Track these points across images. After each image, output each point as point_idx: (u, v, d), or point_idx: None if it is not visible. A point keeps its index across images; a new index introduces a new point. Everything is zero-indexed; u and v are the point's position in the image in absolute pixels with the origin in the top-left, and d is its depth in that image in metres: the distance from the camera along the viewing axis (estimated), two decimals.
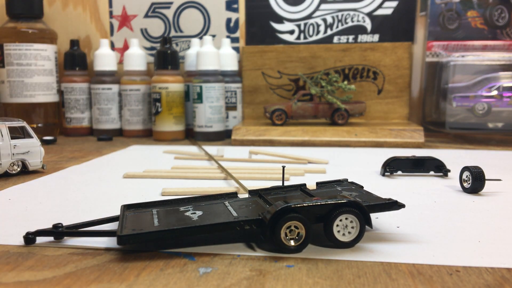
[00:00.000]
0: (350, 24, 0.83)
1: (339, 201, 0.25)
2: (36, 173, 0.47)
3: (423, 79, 0.83)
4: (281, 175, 0.33)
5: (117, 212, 0.31)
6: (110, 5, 0.88)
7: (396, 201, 0.27)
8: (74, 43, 0.84)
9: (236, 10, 0.86)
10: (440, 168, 0.45)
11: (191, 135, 0.79)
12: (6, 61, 0.76)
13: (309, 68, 0.82)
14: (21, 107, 0.77)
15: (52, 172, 0.48)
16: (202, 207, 0.29)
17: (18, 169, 0.46)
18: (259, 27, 0.85)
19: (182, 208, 0.29)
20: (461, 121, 0.71)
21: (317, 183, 0.33)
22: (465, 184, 0.39)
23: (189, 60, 0.80)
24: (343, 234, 0.25)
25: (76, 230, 0.27)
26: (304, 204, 0.24)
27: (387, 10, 0.82)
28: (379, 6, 0.82)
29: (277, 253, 0.24)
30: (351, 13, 0.82)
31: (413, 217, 0.31)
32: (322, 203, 0.25)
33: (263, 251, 0.25)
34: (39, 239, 0.26)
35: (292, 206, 0.24)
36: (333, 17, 0.83)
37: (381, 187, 0.41)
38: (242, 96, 0.84)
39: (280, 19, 0.84)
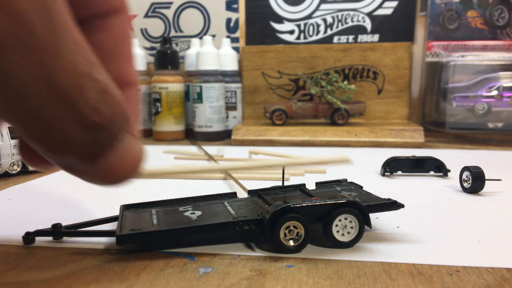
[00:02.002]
0: (350, 24, 0.83)
1: (338, 201, 0.25)
2: (36, 173, 0.47)
3: (423, 79, 0.83)
4: (281, 175, 0.33)
5: (116, 212, 0.31)
6: None
7: (396, 201, 0.27)
8: None
9: (236, 10, 0.86)
10: (440, 168, 0.45)
11: (191, 135, 0.79)
12: None
13: (309, 68, 0.82)
14: None
15: (52, 172, 0.48)
16: (201, 207, 0.29)
17: (18, 169, 0.46)
18: (259, 27, 0.85)
19: (181, 208, 0.29)
20: (461, 121, 0.71)
21: (317, 183, 0.33)
22: (465, 184, 0.39)
23: (189, 60, 0.80)
24: (342, 234, 0.25)
25: (75, 230, 0.27)
26: (303, 204, 0.24)
27: (387, 10, 0.82)
28: (379, 6, 0.82)
29: (277, 253, 0.24)
30: (351, 13, 0.82)
31: (413, 217, 0.31)
32: (321, 203, 0.25)
33: (263, 251, 0.25)
34: (38, 239, 0.26)
35: (291, 206, 0.24)
36: (333, 17, 0.83)
37: (381, 187, 0.41)
38: (242, 96, 0.84)
39: (280, 19, 0.84)
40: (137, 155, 0.22)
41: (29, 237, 0.26)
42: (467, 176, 0.38)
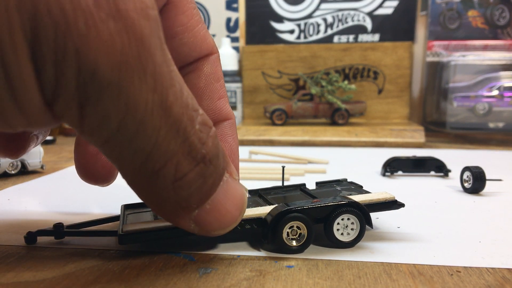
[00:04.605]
0: (350, 23, 0.83)
1: (341, 202, 0.25)
2: (35, 173, 0.47)
3: (423, 79, 0.82)
4: (281, 175, 0.33)
5: (116, 212, 0.31)
6: None
7: (396, 200, 0.27)
8: None
9: (236, 9, 0.85)
10: (440, 168, 0.45)
11: None
12: None
13: (309, 68, 0.82)
14: None
15: (51, 172, 0.48)
16: None
17: (17, 169, 0.46)
18: (259, 27, 0.85)
19: None
20: (462, 121, 0.71)
21: (317, 183, 0.33)
22: (466, 184, 0.39)
23: None
24: (342, 234, 0.25)
25: (76, 229, 0.27)
26: (305, 207, 0.24)
27: (388, 9, 0.81)
28: (380, 6, 0.82)
29: (277, 253, 0.24)
30: (352, 12, 0.82)
31: (413, 217, 0.31)
32: (323, 205, 0.25)
33: (263, 251, 0.25)
34: (40, 239, 0.26)
35: (293, 208, 0.24)
36: (333, 17, 0.83)
37: (381, 187, 0.41)
38: (242, 96, 0.84)
39: (280, 19, 0.84)
40: (241, 196, 0.21)
41: (30, 237, 0.26)
42: (468, 176, 0.38)
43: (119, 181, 0.44)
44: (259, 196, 0.30)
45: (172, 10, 0.23)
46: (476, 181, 0.37)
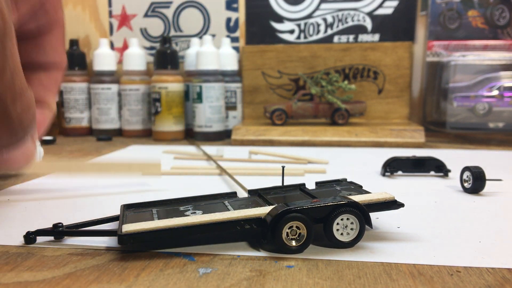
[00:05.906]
0: (350, 23, 0.83)
1: (340, 202, 0.25)
2: (35, 173, 0.47)
3: (423, 79, 0.82)
4: (281, 175, 0.33)
5: (116, 212, 0.31)
6: (110, 5, 0.88)
7: (395, 200, 0.27)
8: (73, 42, 0.84)
9: (236, 9, 0.85)
10: (440, 168, 0.45)
11: (190, 135, 0.79)
12: None
13: (309, 68, 0.82)
14: None
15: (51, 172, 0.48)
16: (202, 207, 0.29)
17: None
18: (259, 27, 0.85)
19: (182, 208, 0.29)
20: (461, 121, 0.71)
21: (316, 183, 0.33)
22: (465, 184, 0.39)
23: (189, 59, 0.80)
24: (341, 234, 0.25)
25: (76, 229, 0.27)
26: (305, 207, 0.24)
27: (388, 9, 0.81)
28: (380, 6, 0.82)
29: (277, 253, 0.24)
30: (352, 12, 0.82)
31: (413, 217, 0.31)
32: (322, 205, 0.25)
33: (263, 251, 0.25)
34: (39, 239, 0.26)
35: (293, 208, 0.24)
36: (333, 17, 0.83)
37: (381, 187, 0.41)
38: (242, 96, 0.84)
39: (280, 19, 0.84)
40: (30, 151, 0.33)
41: (30, 237, 0.26)
42: (467, 176, 0.38)
43: (119, 181, 0.44)
44: (258, 196, 0.30)
45: (48, 35, 0.33)
46: (476, 181, 0.37)
